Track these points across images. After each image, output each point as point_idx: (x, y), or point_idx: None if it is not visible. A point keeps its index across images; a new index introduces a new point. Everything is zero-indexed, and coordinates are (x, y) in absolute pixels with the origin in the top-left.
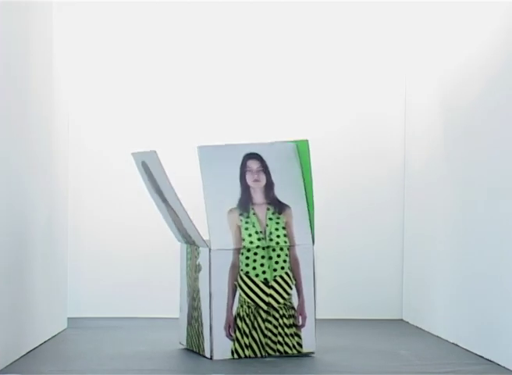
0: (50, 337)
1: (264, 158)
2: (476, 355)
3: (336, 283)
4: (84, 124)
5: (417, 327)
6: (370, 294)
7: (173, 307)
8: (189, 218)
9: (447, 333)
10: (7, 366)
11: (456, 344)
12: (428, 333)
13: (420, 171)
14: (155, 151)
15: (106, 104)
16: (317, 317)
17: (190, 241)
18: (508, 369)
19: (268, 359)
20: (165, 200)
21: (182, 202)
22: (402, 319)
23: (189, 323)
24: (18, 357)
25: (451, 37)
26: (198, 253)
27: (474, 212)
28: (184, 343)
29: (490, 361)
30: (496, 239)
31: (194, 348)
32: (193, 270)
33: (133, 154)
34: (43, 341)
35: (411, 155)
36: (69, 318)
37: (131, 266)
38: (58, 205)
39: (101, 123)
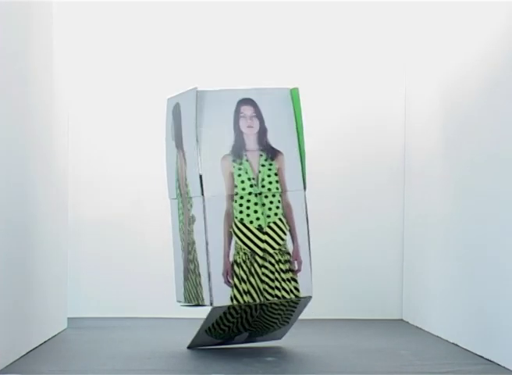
0: (50, 337)
1: (258, 103)
2: (476, 355)
3: (336, 284)
4: (84, 126)
5: (417, 327)
6: (370, 294)
7: (173, 307)
8: (197, 163)
9: (447, 333)
10: (7, 366)
11: (456, 344)
12: (428, 333)
13: (419, 172)
14: (196, 88)
15: (106, 104)
16: (317, 317)
17: (183, 193)
18: (508, 369)
19: (268, 359)
20: (179, 145)
21: (200, 147)
22: (402, 319)
23: (185, 279)
24: (18, 357)
25: (451, 36)
26: (191, 205)
27: (473, 212)
28: (182, 300)
29: (490, 361)
30: (495, 239)
31: (193, 300)
32: (186, 224)
33: (168, 99)
34: (43, 341)
35: (411, 155)
36: (69, 318)
37: (131, 266)
38: (58, 206)
39: (101, 123)
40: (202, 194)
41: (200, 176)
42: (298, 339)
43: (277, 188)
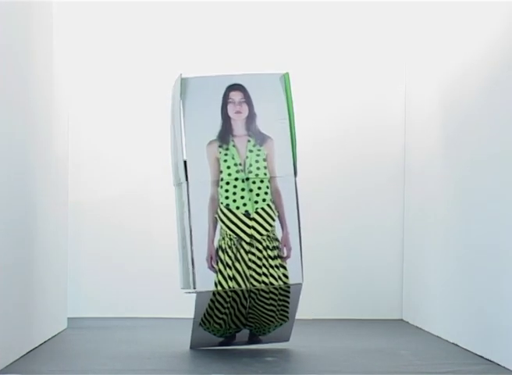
0: (50, 337)
1: (248, 89)
2: (476, 355)
3: (336, 284)
4: (84, 127)
5: (417, 327)
6: (370, 294)
7: (173, 307)
8: (182, 149)
9: (447, 333)
10: (7, 366)
11: (456, 344)
12: (428, 333)
13: (419, 171)
14: (181, 74)
15: (106, 103)
16: (317, 317)
17: (177, 180)
18: (508, 369)
19: (268, 359)
20: (173, 130)
21: (184, 133)
22: (402, 319)
23: (182, 265)
24: (18, 357)
25: (451, 35)
26: (181, 190)
27: (473, 211)
28: (181, 285)
29: (490, 361)
30: (495, 239)
31: (186, 285)
32: (181, 210)
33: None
34: (43, 341)
35: (411, 154)
36: (69, 318)
37: (131, 266)
38: (58, 206)
39: (101, 124)
40: (186, 180)
41: (185, 162)
42: (298, 339)
43: (265, 174)
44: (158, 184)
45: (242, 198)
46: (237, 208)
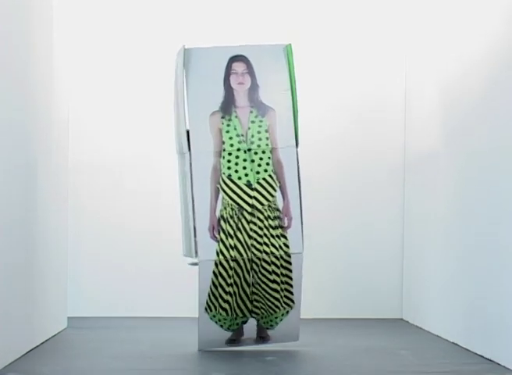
0: (50, 336)
1: (251, 60)
2: (476, 354)
3: (336, 283)
4: (84, 130)
5: (417, 327)
6: (370, 293)
7: (173, 307)
8: (184, 120)
9: (447, 333)
10: (7, 366)
11: (456, 344)
12: (428, 332)
13: (419, 170)
14: (184, 45)
15: (106, 103)
16: (317, 316)
17: (180, 149)
18: (508, 369)
19: (268, 359)
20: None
21: (187, 104)
22: (402, 319)
23: (185, 233)
24: (18, 356)
25: (452, 33)
26: (184, 160)
27: (473, 211)
28: (184, 252)
29: (490, 360)
30: (495, 238)
31: (188, 253)
32: (183, 180)
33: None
34: (43, 341)
35: (411, 153)
36: (69, 318)
37: (131, 266)
38: (58, 206)
39: (101, 125)
40: (189, 150)
41: (188, 132)
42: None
43: (267, 145)
44: (158, 184)
45: (244, 168)
46: (239, 178)
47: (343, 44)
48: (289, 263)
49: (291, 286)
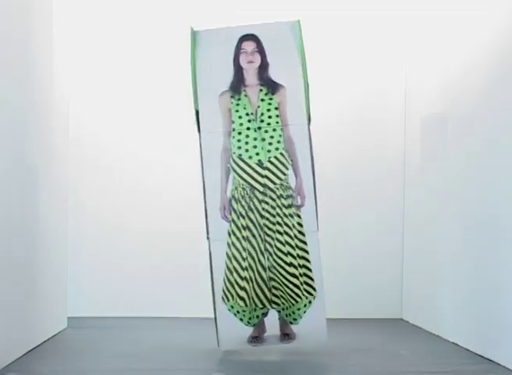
0: (50, 336)
1: (261, 38)
2: (476, 354)
3: (336, 284)
4: (84, 130)
5: (417, 327)
6: (370, 294)
7: (174, 306)
8: (196, 100)
9: (447, 333)
10: (7, 366)
11: (456, 344)
12: (428, 333)
13: (419, 169)
14: (192, 27)
15: (106, 104)
16: None
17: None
18: (508, 369)
19: (268, 359)
20: None
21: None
22: (402, 319)
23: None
24: (18, 356)
25: (451, 31)
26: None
27: (473, 210)
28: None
29: (490, 360)
30: (495, 238)
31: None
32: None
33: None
34: (43, 340)
35: (411, 152)
36: (69, 318)
37: (131, 266)
38: (58, 206)
39: (101, 125)
40: (199, 131)
41: (197, 113)
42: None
43: (277, 122)
44: (158, 184)
45: (254, 147)
46: (250, 157)
47: (343, 44)
48: (305, 243)
49: (310, 270)
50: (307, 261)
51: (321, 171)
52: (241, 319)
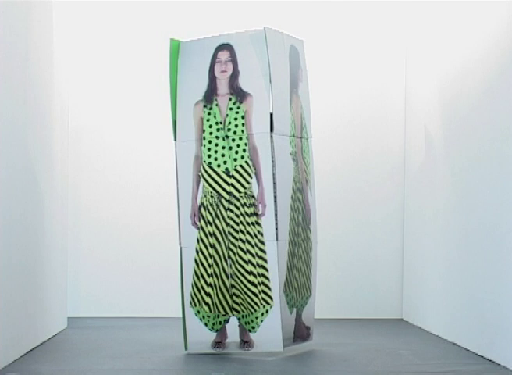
0: (50, 336)
1: (235, 47)
2: (476, 354)
3: (337, 284)
4: (83, 129)
5: (417, 327)
6: (370, 294)
7: (173, 307)
8: (173, 110)
9: (447, 333)
10: (7, 366)
11: (456, 344)
12: (428, 333)
13: (419, 170)
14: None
15: (106, 104)
16: (317, 317)
17: None
18: (508, 369)
19: (269, 359)
20: None
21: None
22: (402, 319)
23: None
24: (18, 356)
25: (452, 32)
26: None
27: (473, 211)
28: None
29: (490, 361)
30: (495, 239)
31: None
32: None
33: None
34: (43, 341)
35: (411, 152)
36: (69, 318)
37: (131, 266)
38: (57, 206)
39: (100, 125)
40: (175, 140)
41: (174, 123)
42: None
43: (242, 131)
44: (158, 185)
45: (222, 156)
46: (218, 166)
47: (343, 44)
48: (264, 252)
49: (268, 279)
50: (266, 270)
51: (322, 171)
52: (206, 324)
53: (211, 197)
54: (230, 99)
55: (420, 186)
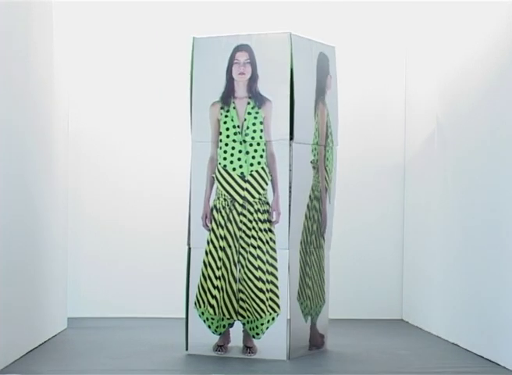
0: (50, 337)
1: (254, 49)
2: (476, 355)
3: (337, 284)
4: (84, 130)
5: (417, 327)
6: (370, 294)
7: (173, 307)
8: (190, 110)
9: (447, 333)
10: (7, 366)
11: (456, 344)
12: (428, 333)
13: (419, 169)
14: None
15: (106, 105)
16: None
17: None
18: (508, 369)
19: (268, 359)
20: None
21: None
22: (402, 319)
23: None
24: (18, 357)
25: (452, 33)
26: None
27: (473, 212)
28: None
29: (490, 361)
30: (496, 239)
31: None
32: None
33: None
34: (43, 341)
35: (411, 152)
36: (69, 318)
37: (131, 266)
38: (58, 206)
39: (100, 126)
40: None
41: (191, 122)
42: None
43: (260, 137)
44: (158, 186)
45: (239, 159)
46: (233, 169)
47: (343, 44)
48: (275, 259)
49: (277, 287)
50: (275, 277)
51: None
52: (209, 327)
53: (225, 200)
54: (248, 103)
55: (420, 186)
